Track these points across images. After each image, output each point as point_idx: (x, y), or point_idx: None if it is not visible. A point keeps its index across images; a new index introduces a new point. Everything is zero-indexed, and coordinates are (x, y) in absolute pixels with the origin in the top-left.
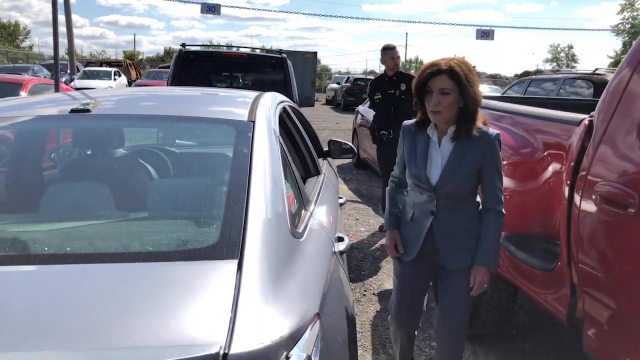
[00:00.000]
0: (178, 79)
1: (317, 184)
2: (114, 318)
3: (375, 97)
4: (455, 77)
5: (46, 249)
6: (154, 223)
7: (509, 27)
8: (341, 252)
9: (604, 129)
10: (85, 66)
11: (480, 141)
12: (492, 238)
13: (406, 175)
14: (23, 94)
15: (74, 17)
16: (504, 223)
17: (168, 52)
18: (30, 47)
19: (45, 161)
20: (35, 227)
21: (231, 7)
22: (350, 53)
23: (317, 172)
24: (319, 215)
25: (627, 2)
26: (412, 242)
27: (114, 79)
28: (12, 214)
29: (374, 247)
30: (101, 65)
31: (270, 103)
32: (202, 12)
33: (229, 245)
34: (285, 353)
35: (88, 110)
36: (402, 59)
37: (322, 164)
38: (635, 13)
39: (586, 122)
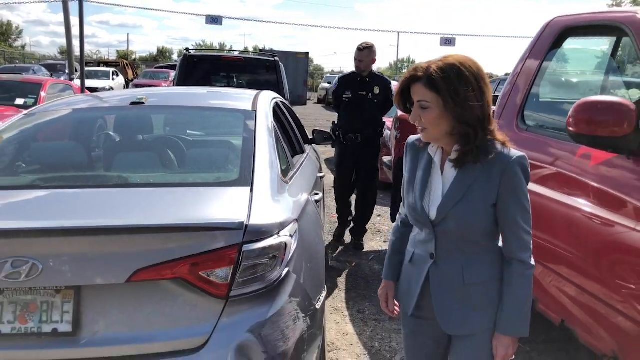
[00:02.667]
0: (183, 79)
1: (301, 158)
2: (182, 209)
3: (344, 96)
4: (434, 87)
5: (138, 180)
6: (199, 172)
7: (473, 35)
8: (316, 201)
9: (500, 113)
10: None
11: (495, 166)
12: (518, 298)
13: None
14: (43, 94)
15: None
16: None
17: (161, 52)
18: (23, 47)
19: (121, 137)
20: (126, 174)
21: (232, 18)
22: (343, 52)
23: (302, 152)
24: (301, 174)
25: (614, 3)
26: (411, 291)
27: (112, 79)
28: (106, 169)
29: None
30: (99, 65)
31: (267, 98)
32: (207, 22)
33: (245, 180)
34: (278, 231)
35: (142, 103)
36: (394, 58)
37: (308, 147)
38: None
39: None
